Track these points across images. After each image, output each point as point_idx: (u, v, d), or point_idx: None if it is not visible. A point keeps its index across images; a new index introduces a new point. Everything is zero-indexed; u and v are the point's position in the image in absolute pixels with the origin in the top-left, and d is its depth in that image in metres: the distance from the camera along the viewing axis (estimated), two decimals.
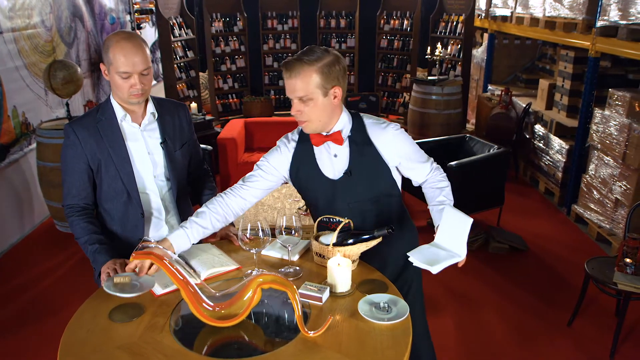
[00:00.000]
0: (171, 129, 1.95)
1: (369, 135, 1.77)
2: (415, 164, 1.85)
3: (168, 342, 1.39)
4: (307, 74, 1.62)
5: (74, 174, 1.85)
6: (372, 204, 1.83)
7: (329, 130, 1.75)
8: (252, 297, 1.45)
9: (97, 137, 1.82)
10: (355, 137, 1.77)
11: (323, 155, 1.80)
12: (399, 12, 7.64)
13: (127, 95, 1.80)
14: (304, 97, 1.65)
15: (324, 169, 1.81)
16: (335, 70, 1.65)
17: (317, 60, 1.63)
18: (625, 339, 3.01)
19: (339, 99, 1.71)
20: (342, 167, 1.79)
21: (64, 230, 4.38)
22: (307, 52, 1.65)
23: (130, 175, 1.86)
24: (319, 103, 1.66)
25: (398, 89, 7.92)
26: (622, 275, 2.84)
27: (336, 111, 1.74)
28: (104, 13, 5.84)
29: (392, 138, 1.78)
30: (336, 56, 1.68)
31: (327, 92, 1.66)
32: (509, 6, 6.08)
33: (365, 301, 1.54)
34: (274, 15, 7.90)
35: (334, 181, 1.80)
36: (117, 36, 1.76)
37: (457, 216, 1.64)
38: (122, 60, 1.73)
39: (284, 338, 1.44)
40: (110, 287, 1.51)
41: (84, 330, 1.44)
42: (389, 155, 1.79)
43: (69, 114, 4.35)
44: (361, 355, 1.33)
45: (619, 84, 4.58)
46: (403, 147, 1.80)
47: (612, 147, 3.98)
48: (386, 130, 1.77)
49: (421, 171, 1.88)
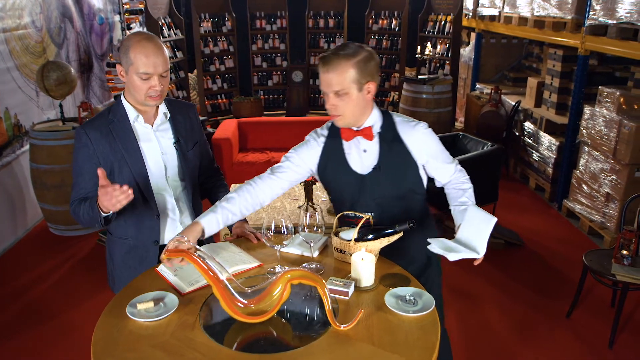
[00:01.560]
0: (183, 128, 1.95)
1: (399, 132, 1.81)
2: (441, 164, 1.88)
3: (201, 340, 1.40)
4: (343, 68, 1.65)
5: (85, 176, 1.81)
6: (398, 200, 1.86)
7: (360, 126, 1.78)
8: (282, 293, 1.46)
9: (110, 139, 1.80)
10: (385, 134, 1.80)
11: (352, 150, 1.83)
12: (387, 12, 7.71)
13: (144, 97, 1.78)
14: (340, 91, 1.68)
15: (353, 164, 1.83)
16: (370, 66, 1.69)
17: (353, 55, 1.66)
18: (623, 328, 3.10)
19: (372, 94, 1.74)
20: (371, 163, 1.82)
21: (58, 233, 4.33)
22: (343, 47, 1.69)
23: (145, 176, 1.84)
24: (354, 97, 1.69)
25: (387, 88, 7.99)
26: (620, 266, 2.93)
27: (368, 107, 1.78)
28: (92, 13, 5.77)
29: (422, 136, 1.81)
30: (370, 52, 1.71)
31: (362, 86, 1.69)
32: (497, 6, 6.19)
33: (391, 294, 1.57)
34: (263, 16, 7.90)
35: (362, 176, 1.82)
36: (138, 36, 1.74)
37: (481, 215, 1.67)
38: (143, 60, 1.72)
39: (314, 333, 1.46)
40: (134, 314, 1.48)
41: (114, 330, 1.44)
42: (418, 153, 1.82)
43: (63, 116, 4.29)
44: (394, 347, 1.36)
45: (607, 82, 4.70)
46: (431, 146, 1.84)
47: (603, 143, 4.09)
48: (416, 129, 1.81)
49: (446, 171, 1.90)
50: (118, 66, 1.79)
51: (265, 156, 5.14)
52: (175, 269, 1.70)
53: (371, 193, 1.83)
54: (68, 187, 4.10)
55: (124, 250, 1.93)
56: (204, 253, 1.49)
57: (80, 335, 3.07)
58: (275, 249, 1.76)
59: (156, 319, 1.46)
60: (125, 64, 1.76)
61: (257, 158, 5.09)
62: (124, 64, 1.77)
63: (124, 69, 1.77)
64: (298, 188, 4.05)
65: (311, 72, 8.17)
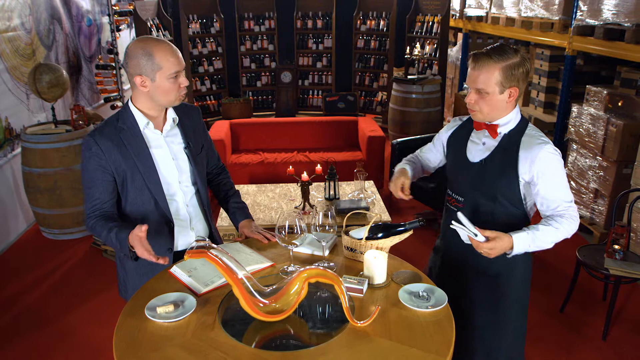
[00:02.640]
0: (191, 132, 1.95)
1: (520, 142, 1.78)
2: (546, 194, 1.76)
3: (222, 339, 1.42)
4: (490, 69, 1.69)
5: (98, 186, 1.78)
6: (488, 200, 1.84)
7: (491, 121, 1.81)
8: (300, 292, 1.49)
9: (121, 147, 1.77)
10: (508, 137, 1.81)
11: (476, 139, 1.90)
12: (375, 12, 7.77)
13: (175, 98, 1.78)
14: (482, 90, 1.72)
15: (469, 150, 1.90)
16: (518, 73, 1.71)
17: (503, 59, 1.68)
18: (614, 321, 3.19)
19: (514, 98, 1.76)
20: (482, 156, 1.85)
21: (52, 237, 4.29)
22: (497, 49, 1.71)
23: (157, 183, 1.83)
24: (494, 99, 1.73)
25: (375, 88, 8.05)
26: (612, 261, 3.01)
27: (507, 109, 1.78)
28: (80, 15, 5.72)
29: (540, 156, 1.73)
30: (522, 59, 1.71)
31: (504, 90, 1.72)
32: (484, 7, 6.28)
33: (404, 291, 1.61)
34: (251, 17, 7.90)
35: (470, 163, 1.88)
36: (151, 41, 1.73)
37: (527, 240, 1.70)
38: (172, 60, 1.72)
39: (331, 330, 1.49)
40: (154, 316, 1.50)
41: (135, 331, 1.45)
42: (524, 169, 1.76)
43: (55, 118, 4.26)
44: (411, 342, 1.40)
45: (593, 81, 4.81)
46: (545, 170, 1.74)
47: (591, 140, 4.19)
48: (538, 146, 1.74)
49: (546, 204, 1.77)
50: (138, 78, 1.74)
51: (259, 157, 5.15)
52: (189, 270, 1.72)
53: (471, 181, 1.87)
54: (62, 190, 4.08)
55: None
56: (221, 252, 1.51)
57: (79, 339, 3.05)
58: (287, 249, 1.79)
59: (175, 320, 1.48)
60: (150, 71, 1.72)
61: (250, 159, 5.10)
62: (147, 72, 1.72)
63: (148, 77, 1.73)
64: (294, 189, 4.08)
65: (300, 72, 8.20)
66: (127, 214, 1.87)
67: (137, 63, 1.72)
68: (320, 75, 8.23)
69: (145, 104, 1.81)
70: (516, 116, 1.82)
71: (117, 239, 1.70)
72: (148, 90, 1.76)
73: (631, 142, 3.80)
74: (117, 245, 1.72)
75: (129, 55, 1.73)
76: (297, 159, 5.12)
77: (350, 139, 5.54)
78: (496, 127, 1.80)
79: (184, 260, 1.54)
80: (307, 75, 8.26)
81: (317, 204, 3.75)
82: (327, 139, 5.53)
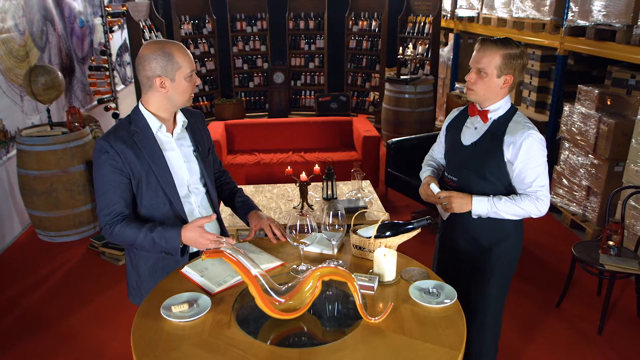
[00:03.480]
0: (199, 136, 1.98)
1: (507, 127, 1.97)
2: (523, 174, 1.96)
3: (239, 337, 1.44)
4: (493, 53, 1.91)
5: (115, 189, 1.77)
6: (479, 179, 2.04)
7: (483, 107, 2.01)
8: (314, 290, 1.52)
9: (135, 150, 1.78)
10: (497, 122, 2.00)
11: (470, 124, 2.10)
12: (366, 13, 7.81)
13: (189, 97, 1.82)
14: (482, 70, 1.93)
15: (463, 134, 2.11)
16: (515, 63, 1.92)
17: (506, 48, 1.90)
18: (609, 316, 3.26)
19: (508, 86, 1.96)
20: (473, 139, 2.05)
21: (48, 239, 4.26)
22: (502, 40, 1.93)
23: (172, 185, 1.84)
24: (491, 81, 1.93)
25: (367, 88, 8.09)
26: (607, 257, 3.08)
27: (499, 95, 1.98)
28: (73, 16, 5.68)
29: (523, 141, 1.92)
30: (522, 52, 1.93)
31: (501, 75, 1.93)
32: (475, 8, 6.36)
33: (414, 287, 1.64)
34: (243, 17, 7.91)
35: (463, 146, 2.09)
36: (165, 43, 1.76)
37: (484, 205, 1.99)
38: (188, 59, 1.76)
39: (344, 327, 1.52)
40: (170, 316, 1.52)
41: (152, 331, 1.47)
42: (509, 150, 1.95)
43: (51, 120, 4.23)
44: (425, 337, 1.43)
45: (584, 81, 4.89)
46: (524, 154, 1.93)
47: (583, 139, 4.27)
48: (522, 132, 1.93)
49: (520, 182, 1.99)
50: (158, 79, 1.75)
51: (254, 158, 5.16)
52: (201, 270, 1.74)
53: (462, 162, 2.09)
54: (58, 192, 4.06)
55: (151, 261, 1.91)
56: (237, 250, 1.53)
57: (81, 341, 3.05)
58: (297, 248, 1.82)
59: (191, 319, 1.50)
60: (170, 71, 1.74)
61: (246, 160, 5.11)
62: (166, 72, 1.74)
63: (168, 77, 1.75)
64: (292, 189, 4.10)
65: (292, 73, 8.22)
66: (142, 216, 1.87)
67: (156, 65, 1.74)
68: (313, 76, 8.26)
69: (159, 106, 1.82)
70: (506, 104, 2.01)
71: (163, 237, 1.72)
72: (167, 90, 1.78)
73: (622, 141, 3.88)
74: (162, 244, 1.73)
75: (144, 59, 1.74)
76: (293, 159, 5.14)
77: (345, 139, 5.58)
78: (487, 113, 2.00)
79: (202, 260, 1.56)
80: (299, 76, 8.28)
81: (315, 203, 3.78)
82: (322, 139, 5.56)
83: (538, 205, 1.97)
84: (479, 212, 2.00)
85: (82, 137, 4.16)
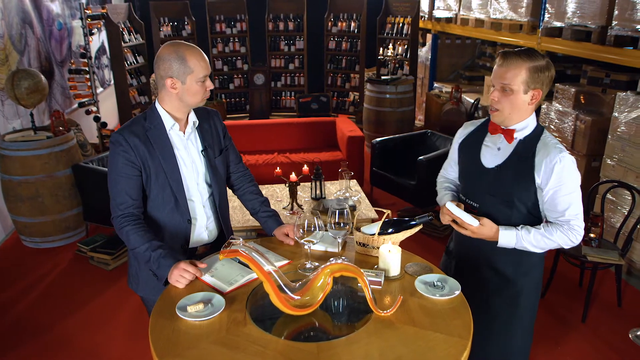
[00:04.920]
0: (210, 136, 2.01)
1: (537, 148, 1.79)
2: (555, 200, 1.78)
3: (256, 334, 1.48)
4: (519, 67, 1.72)
5: (127, 181, 1.83)
6: (504, 206, 1.86)
7: (507, 126, 1.82)
8: (325, 286, 1.57)
9: (148, 145, 1.84)
10: (524, 143, 1.82)
11: (490, 143, 1.91)
12: (345, 14, 7.89)
13: (201, 99, 1.86)
14: (507, 87, 1.74)
15: (483, 155, 1.91)
16: (543, 76, 1.74)
17: (532, 60, 1.72)
18: (592, 305, 3.40)
19: (536, 101, 1.78)
20: (498, 161, 1.87)
21: (33, 245, 4.20)
22: (526, 51, 1.75)
23: (179, 182, 1.90)
24: (518, 97, 1.74)
25: (347, 88, 8.17)
26: (589, 248, 3.21)
27: (526, 112, 1.79)
28: (51, 19, 5.60)
29: (556, 163, 1.74)
30: (548, 64, 1.75)
31: (528, 90, 1.74)
32: (452, 9, 6.50)
33: (420, 281, 1.71)
34: (222, 19, 7.89)
35: (485, 169, 1.89)
36: (182, 46, 1.79)
37: (511, 237, 1.83)
38: (202, 64, 1.80)
39: (354, 321, 1.58)
40: (187, 315, 1.55)
41: (169, 331, 1.50)
42: (540, 175, 1.78)
43: (34, 125, 4.18)
44: (435, 327, 1.50)
45: (559, 80, 5.07)
46: (558, 178, 1.75)
47: (560, 135, 4.42)
48: (554, 154, 1.75)
49: (553, 210, 1.80)
50: (169, 80, 1.80)
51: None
52: (210, 270, 1.77)
53: (484, 187, 1.89)
54: (44, 197, 4.01)
55: None
56: (252, 249, 1.57)
57: (77, 346, 3.03)
58: (299, 247, 1.87)
59: (207, 318, 1.54)
60: (182, 74, 1.79)
61: None
62: (178, 75, 1.79)
63: (179, 80, 1.79)
64: (280, 189, 4.14)
65: (272, 74, 8.24)
66: (148, 211, 1.92)
67: (169, 66, 1.78)
68: (293, 77, 8.30)
69: (172, 106, 1.88)
70: (533, 122, 1.82)
71: (157, 262, 1.76)
72: (177, 92, 1.83)
73: (599, 137, 4.04)
74: (154, 265, 1.78)
75: (160, 59, 1.80)
76: (279, 160, 5.18)
77: (329, 140, 5.64)
78: (512, 132, 1.80)
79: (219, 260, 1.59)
80: (279, 77, 8.31)
81: (304, 203, 3.82)
82: (305, 139, 5.61)
83: (571, 236, 1.78)
84: (505, 245, 1.84)
85: (67, 141, 4.11)
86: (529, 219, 1.86)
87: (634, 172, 3.60)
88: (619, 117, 3.71)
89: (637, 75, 3.97)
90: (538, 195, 1.81)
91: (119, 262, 3.93)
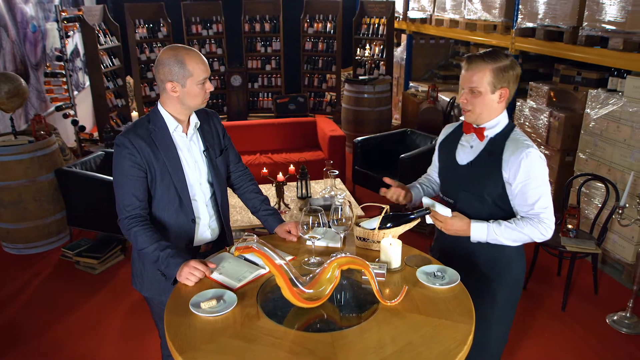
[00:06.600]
0: (210, 137, 2.06)
1: (505, 145, 1.87)
2: (524, 195, 1.84)
3: (270, 327, 1.54)
4: (482, 70, 1.81)
5: (134, 182, 1.86)
6: (477, 202, 1.95)
7: (479, 124, 1.92)
8: (333, 279, 1.64)
9: (152, 147, 1.88)
10: (494, 140, 1.91)
11: (465, 142, 2.01)
12: (321, 15, 7.97)
13: (201, 102, 1.90)
14: (475, 89, 1.83)
15: (458, 153, 2.02)
16: (508, 75, 1.83)
17: (495, 61, 1.81)
18: (570, 293, 3.56)
19: (505, 99, 1.87)
20: (470, 158, 1.97)
21: (15, 252, 4.14)
22: (490, 53, 1.84)
23: (183, 183, 1.94)
24: (486, 98, 1.84)
25: (324, 89, 8.25)
26: (567, 239, 3.37)
27: (496, 111, 1.88)
28: (25, 21, 5.50)
29: (523, 160, 1.81)
30: (512, 63, 1.84)
31: (495, 90, 1.83)
32: (426, 10, 6.65)
33: (421, 272, 1.79)
34: (198, 21, 7.87)
35: (459, 166, 2.00)
36: (181, 50, 1.83)
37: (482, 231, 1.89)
38: (202, 68, 1.84)
39: (361, 311, 1.65)
40: (200, 311, 1.59)
41: (185, 327, 1.54)
42: (508, 171, 1.85)
43: (14, 129, 4.11)
44: (439, 314, 1.58)
45: (532, 78, 5.26)
46: (525, 174, 1.81)
47: (535, 132, 4.60)
48: (520, 150, 1.82)
49: (522, 204, 1.87)
50: (170, 84, 1.84)
51: None
52: (218, 268, 1.82)
53: (458, 183, 2.00)
54: (26, 203, 3.96)
55: None
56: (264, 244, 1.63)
57: (69, 351, 3.02)
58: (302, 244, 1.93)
59: (221, 314, 1.58)
60: (182, 77, 1.83)
61: None
62: (177, 78, 1.83)
63: (179, 83, 1.84)
64: (267, 189, 4.18)
65: (249, 75, 8.25)
66: (153, 212, 1.96)
67: (169, 70, 1.82)
68: (270, 78, 8.33)
69: (174, 108, 1.92)
70: (504, 119, 1.91)
71: (166, 262, 1.79)
72: (178, 95, 1.87)
73: (572, 133, 4.23)
74: (163, 264, 1.81)
75: (160, 63, 1.84)
76: (262, 160, 5.22)
77: (309, 140, 5.71)
78: (483, 130, 1.91)
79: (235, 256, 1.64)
80: (256, 78, 8.33)
81: (291, 202, 3.88)
82: (287, 140, 5.66)
83: (541, 229, 1.85)
84: (477, 239, 1.90)
85: (49, 145, 4.06)
86: (499, 213, 1.93)
87: (606, 165, 3.78)
88: (590, 113, 3.89)
89: (607, 74, 4.16)
90: (507, 191, 1.88)
91: (106, 266, 3.90)
